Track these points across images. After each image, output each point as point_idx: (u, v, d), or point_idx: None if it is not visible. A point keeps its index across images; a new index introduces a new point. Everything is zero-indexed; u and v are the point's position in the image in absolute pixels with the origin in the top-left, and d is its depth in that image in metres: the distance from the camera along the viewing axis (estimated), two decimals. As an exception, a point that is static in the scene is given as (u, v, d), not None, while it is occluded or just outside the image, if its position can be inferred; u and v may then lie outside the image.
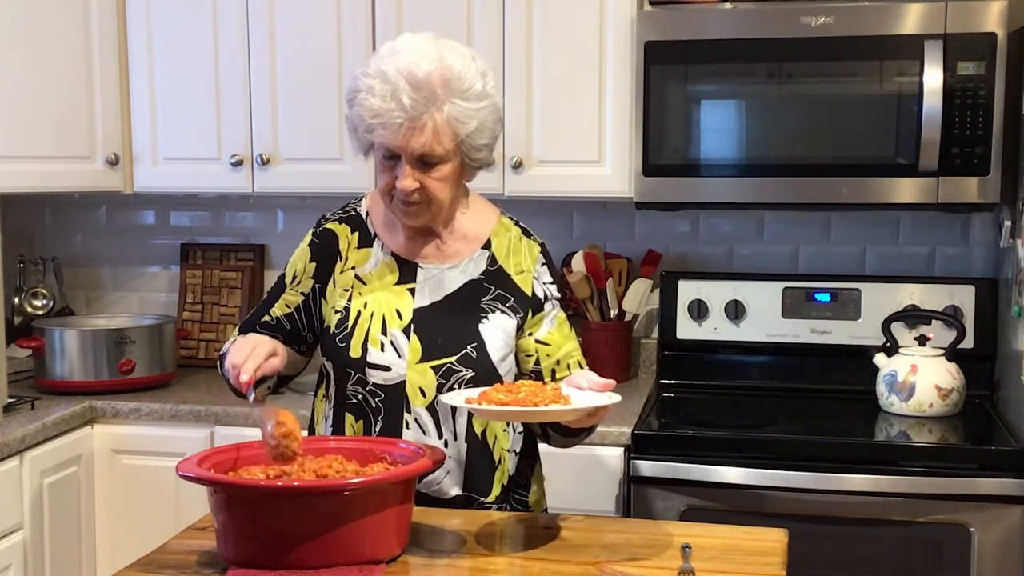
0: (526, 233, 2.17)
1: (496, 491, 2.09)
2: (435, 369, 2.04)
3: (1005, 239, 2.78)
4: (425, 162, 1.95)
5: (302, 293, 2.14)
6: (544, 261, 2.16)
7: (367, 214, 2.15)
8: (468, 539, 1.89)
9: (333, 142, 3.14)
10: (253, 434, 2.69)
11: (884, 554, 2.61)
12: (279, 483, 1.74)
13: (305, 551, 1.68)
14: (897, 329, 3.03)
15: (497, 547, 1.87)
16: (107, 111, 3.22)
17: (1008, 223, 2.76)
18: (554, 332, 2.14)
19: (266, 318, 2.16)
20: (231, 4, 3.16)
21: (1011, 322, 2.79)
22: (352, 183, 3.15)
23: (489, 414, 1.84)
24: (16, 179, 3.10)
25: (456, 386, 2.03)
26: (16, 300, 3.56)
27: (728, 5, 2.92)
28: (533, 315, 2.11)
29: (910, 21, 2.73)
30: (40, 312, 3.56)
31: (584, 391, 1.86)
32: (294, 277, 2.16)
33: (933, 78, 2.70)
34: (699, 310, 3.19)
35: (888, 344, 2.97)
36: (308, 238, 2.18)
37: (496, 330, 2.07)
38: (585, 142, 3.00)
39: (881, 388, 2.90)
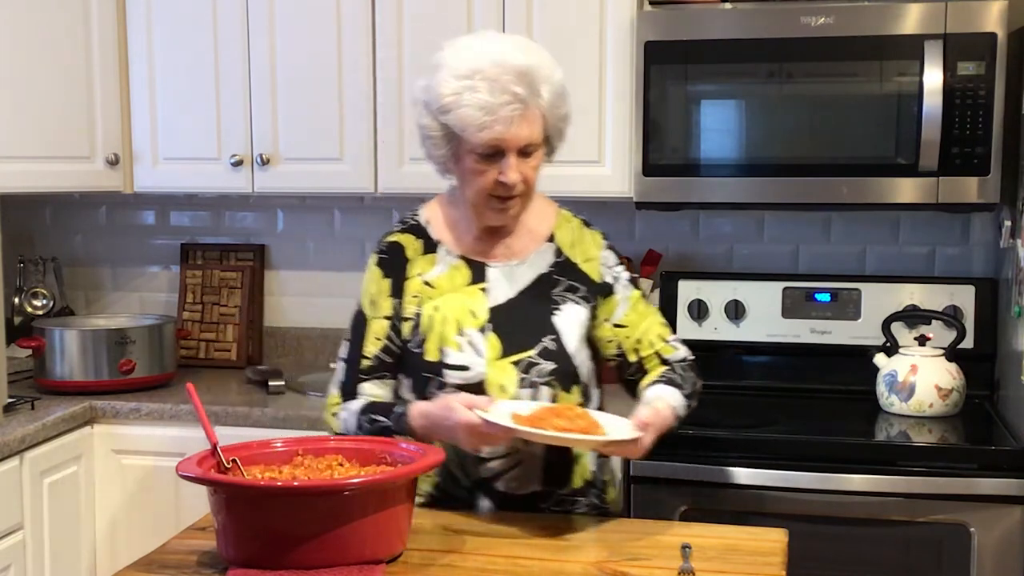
0: (586, 223, 2.21)
1: (576, 484, 2.11)
2: (516, 364, 2.05)
3: (1005, 239, 2.78)
4: (525, 152, 1.99)
5: (386, 317, 2.11)
6: (609, 246, 2.20)
7: (427, 222, 2.16)
8: (468, 539, 1.90)
9: (333, 142, 3.15)
10: (253, 434, 2.70)
11: (884, 554, 2.61)
12: (279, 483, 1.74)
13: (305, 551, 1.68)
14: (897, 329, 3.03)
15: (497, 547, 1.87)
16: (107, 111, 3.22)
17: (1008, 223, 2.76)
18: (630, 313, 2.17)
19: (365, 362, 2.10)
20: (231, 4, 3.16)
21: (1011, 322, 2.79)
22: (352, 183, 3.16)
23: (532, 436, 1.87)
24: (16, 179, 3.10)
25: (537, 378, 2.05)
26: (16, 300, 3.56)
27: (728, 5, 2.92)
28: (604, 300, 2.15)
29: (910, 21, 2.73)
30: (40, 312, 3.56)
31: (615, 421, 1.95)
32: (372, 303, 2.12)
33: (933, 78, 2.70)
34: (699, 310, 3.18)
35: (888, 344, 2.97)
36: (374, 259, 2.16)
37: (570, 320, 2.10)
38: (585, 142, 3.00)
39: (881, 388, 2.90)
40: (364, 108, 3.12)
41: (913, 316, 3.06)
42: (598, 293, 2.15)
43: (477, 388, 2.03)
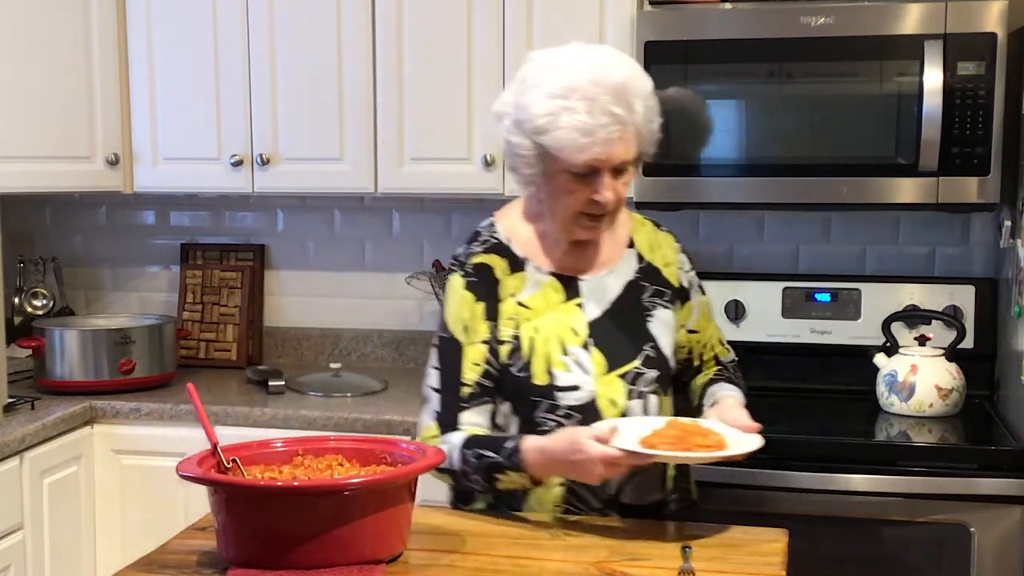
0: (656, 225, 2.21)
1: (670, 484, 2.13)
2: (622, 376, 2.04)
3: (1005, 239, 2.78)
4: (618, 169, 1.95)
5: (483, 342, 2.03)
6: (682, 248, 2.20)
7: (508, 239, 2.09)
8: (468, 539, 1.90)
9: (333, 142, 3.15)
10: (253, 434, 2.70)
11: (884, 554, 2.61)
12: (279, 483, 1.74)
13: (305, 551, 1.68)
14: (897, 329, 3.02)
15: (497, 547, 1.87)
16: (107, 111, 3.22)
17: (1008, 223, 2.76)
18: (700, 319, 2.20)
19: (467, 390, 2.02)
20: (231, 4, 3.16)
21: (1011, 322, 2.79)
22: (352, 183, 3.16)
23: (681, 459, 1.93)
24: (16, 179, 3.10)
25: (644, 388, 2.06)
26: (16, 300, 3.56)
27: (728, 5, 2.92)
28: (681, 306, 2.16)
29: (910, 21, 2.73)
30: (40, 312, 3.56)
31: (731, 431, 1.97)
32: (466, 329, 2.04)
33: (933, 78, 2.70)
34: (699, 310, 3.18)
35: (888, 344, 2.97)
36: (459, 282, 2.05)
37: (663, 326, 2.11)
38: (585, 142, 3.00)
39: (881, 388, 2.90)
40: (364, 108, 3.12)
41: (913, 316, 3.05)
42: (677, 298, 2.15)
43: (589, 406, 2.01)
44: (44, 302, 3.59)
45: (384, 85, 3.10)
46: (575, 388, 2.01)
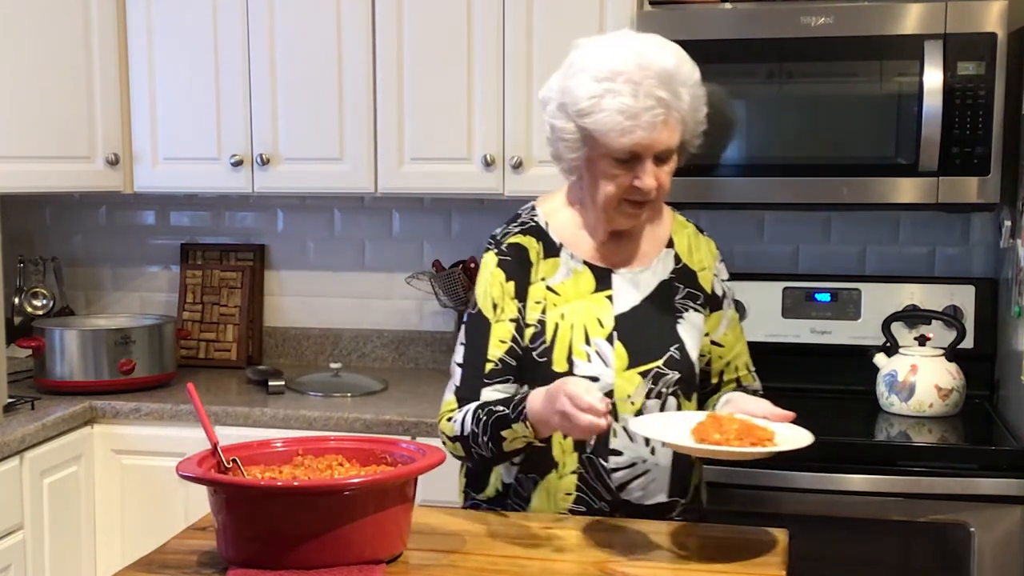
0: (699, 230, 2.19)
1: (691, 493, 2.11)
2: (643, 374, 2.03)
3: (1005, 239, 2.78)
4: (661, 157, 1.94)
5: (511, 320, 2.02)
6: (721, 258, 2.18)
7: (547, 224, 2.08)
8: (468, 539, 1.90)
9: (333, 142, 3.15)
10: (253, 434, 2.70)
11: (884, 554, 2.61)
12: (279, 483, 1.74)
13: (305, 551, 1.68)
14: (897, 329, 3.03)
15: (497, 547, 1.87)
16: (107, 111, 3.22)
17: (1008, 223, 2.77)
18: (728, 333, 2.16)
19: (490, 366, 2.01)
20: (231, 4, 3.16)
21: (1011, 322, 2.79)
22: (352, 183, 3.16)
23: (737, 455, 1.85)
24: (16, 179, 3.11)
25: (664, 389, 2.03)
26: (16, 300, 3.56)
27: (728, 5, 2.92)
28: (711, 314, 2.13)
29: (910, 21, 2.73)
30: (40, 312, 3.56)
31: (768, 422, 1.91)
32: (495, 306, 2.03)
33: (933, 78, 2.70)
34: (699, 310, 3.18)
35: (888, 344, 2.97)
36: (492, 260, 2.06)
37: (692, 329, 2.09)
38: (585, 142, 3.00)
39: (881, 388, 2.90)
40: (364, 108, 3.12)
41: (913, 316, 3.05)
42: (709, 304, 2.13)
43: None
44: (44, 302, 3.59)
45: (384, 85, 3.10)
46: (593, 379, 1.98)
